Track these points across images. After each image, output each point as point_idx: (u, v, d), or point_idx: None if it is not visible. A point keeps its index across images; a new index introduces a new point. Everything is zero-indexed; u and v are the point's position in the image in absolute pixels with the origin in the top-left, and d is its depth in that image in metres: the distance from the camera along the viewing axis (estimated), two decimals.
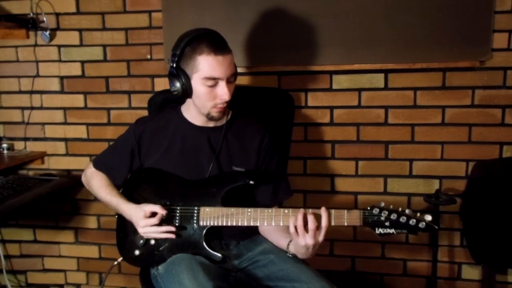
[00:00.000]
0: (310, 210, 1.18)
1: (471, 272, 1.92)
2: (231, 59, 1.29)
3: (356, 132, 1.90)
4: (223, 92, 1.27)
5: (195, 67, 1.26)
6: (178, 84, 1.29)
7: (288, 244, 1.27)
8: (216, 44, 1.25)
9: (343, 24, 1.77)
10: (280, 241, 1.32)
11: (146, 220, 1.28)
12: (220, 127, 1.40)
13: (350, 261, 2.00)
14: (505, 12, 1.72)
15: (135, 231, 1.36)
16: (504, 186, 1.68)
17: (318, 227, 1.15)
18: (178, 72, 1.29)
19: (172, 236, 1.29)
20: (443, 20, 1.72)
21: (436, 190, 1.75)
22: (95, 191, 1.47)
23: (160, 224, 1.28)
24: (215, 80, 1.26)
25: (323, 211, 1.16)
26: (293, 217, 1.18)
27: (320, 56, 1.81)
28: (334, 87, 1.88)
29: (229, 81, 1.29)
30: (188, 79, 1.28)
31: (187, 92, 1.30)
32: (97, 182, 1.46)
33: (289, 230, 1.23)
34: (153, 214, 1.29)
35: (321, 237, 1.16)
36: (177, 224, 1.29)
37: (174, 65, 1.29)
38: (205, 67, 1.25)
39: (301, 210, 1.17)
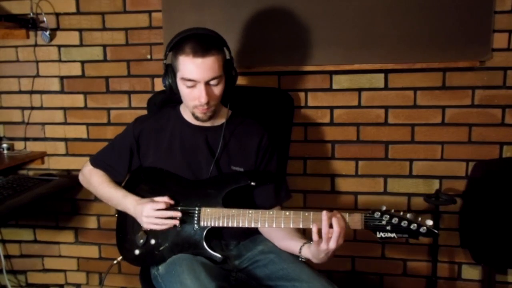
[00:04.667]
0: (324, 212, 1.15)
1: (471, 272, 1.92)
2: (213, 62, 1.25)
3: (356, 132, 1.90)
4: (200, 95, 1.26)
5: (177, 67, 1.28)
6: (167, 81, 1.32)
7: (301, 248, 1.24)
8: (198, 46, 1.23)
9: (343, 24, 1.77)
10: (291, 246, 1.29)
11: (153, 204, 1.27)
12: (219, 127, 1.40)
13: (350, 261, 2.00)
14: (505, 12, 1.72)
15: (135, 230, 1.36)
16: (504, 186, 1.68)
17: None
18: (167, 69, 1.31)
19: (176, 222, 1.28)
20: (443, 20, 1.72)
21: (436, 190, 1.75)
22: (96, 187, 1.46)
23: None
24: (193, 82, 1.26)
25: (339, 214, 1.15)
26: (316, 223, 1.15)
27: (320, 56, 1.81)
28: (334, 87, 1.88)
29: (210, 84, 1.28)
30: (174, 77, 1.30)
31: (173, 89, 1.32)
32: (97, 179, 1.46)
33: (296, 232, 1.24)
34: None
35: (342, 240, 1.14)
36: (178, 224, 1.29)
37: (165, 62, 1.32)
38: (183, 67, 1.26)
39: (324, 213, 1.14)
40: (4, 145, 2.08)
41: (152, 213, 1.27)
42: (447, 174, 1.86)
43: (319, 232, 1.14)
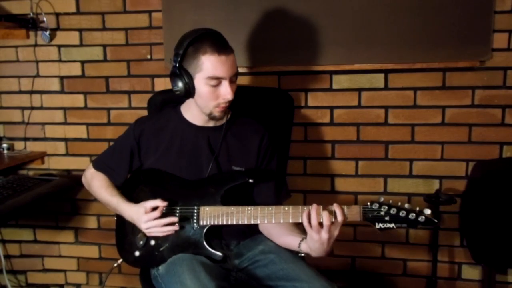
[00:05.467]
0: (322, 207, 1.16)
1: (471, 272, 1.92)
2: (234, 59, 1.29)
3: (356, 132, 1.90)
4: (226, 92, 1.28)
5: (198, 67, 1.27)
6: (180, 84, 1.30)
7: (300, 243, 1.25)
8: (219, 44, 1.26)
9: (343, 24, 1.77)
10: (290, 241, 1.29)
11: (148, 215, 1.27)
12: (220, 127, 1.40)
13: (350, 260, 2.00)
14: (505, 12, 1.72)
15: (134, 232, 1.36)
16: (504, 186, 1.68)
17: (333, 222, 1.14)
18: (181, 72, 1.29)
19: (176, 228, 1.28)
20: (443, 20, 1.72)
21: (436, 190, 1.75)
22: (96, 191, 1.47)
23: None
24: (218, 80, 1.27)
25: (336, 207, 1.15)
26: (305, 211, 1.16)
27: (320, 56, 1.81)
28: (334, 87, 1.88)
29: (232, 80, 1.30)
30: (191, 78, 1.29)
31: (189, 92, 1.30)
32: (97, 183, 1.46)
33: (295, 228, 1.25)
34: (154, 210, 1.28)
35: (336, 231, 1.15)
36: (177, 228, 1.29)
37: (177, 65, 1.29)
38: (208, 66, 1.25)
39: (314, 206, 1.16)
40: (4, 145, 2.08)
41: (150, 224, 1.27)
42: (447, 174, 1.86)
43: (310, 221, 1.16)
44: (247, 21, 1.82)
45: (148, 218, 1.27)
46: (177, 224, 1.28)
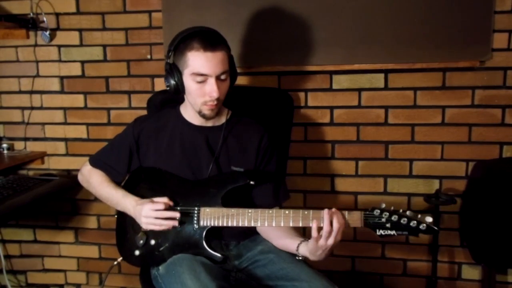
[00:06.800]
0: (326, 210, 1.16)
1: (471, 272, 1.92)
2: (223, 57, 1.28)
3: (356, 132, 1.90)
4: (211, 89, 1.27)
5: (185, 63, 1.27)
6: (171, 80, 1.31)
7: (298, 246, 1.25)
8: (206, 41, 1.25)
9: (343, 24, 1.77)
10: (288, 244, 1.29)
11: (152, 205, 1.27)
12: (219, 127, 1.40)
13: (350, 261, 2.00)
14: (505, 12, 1.72)
15: (135, 231, 1.36)
16: (504, 186, 1.67)
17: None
18: (172, 68, 1.30)
19: (175, 223, 1.27)
20: (443, 20, 1.72)
21: (436, 190, 1.75)
22: (96, 187, 1.46)
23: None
24: (204, 77, 1.27)
25: (338, 212, 1.16)
26: (316, 221, 1.16)
27: (320, 56, 1.81)
28: (334, 87, 1.88)
29: (220, 78, 1.29)
30: (180, 75, 1.29)
31: (179, 88, 1.31)
32: (97, 178, 1.46)
33: (293, 231, 1.26)
34: None
35: (339, 237, 1.15)
36: (177, 225, 1.29)
37: (169, 61, 1.31)
38: (194, 63, 1.26)
39: (326, 211, 1.15)
40: (4, 145, 2.08)
41: (151, 214, 1.27)
42: (447, 174, 1.86)
43: (319, 229, 1.15)
44: (247, 21, 1.82)
45: (151, 207, 1.26)
46: (177, 221, 1.28)
